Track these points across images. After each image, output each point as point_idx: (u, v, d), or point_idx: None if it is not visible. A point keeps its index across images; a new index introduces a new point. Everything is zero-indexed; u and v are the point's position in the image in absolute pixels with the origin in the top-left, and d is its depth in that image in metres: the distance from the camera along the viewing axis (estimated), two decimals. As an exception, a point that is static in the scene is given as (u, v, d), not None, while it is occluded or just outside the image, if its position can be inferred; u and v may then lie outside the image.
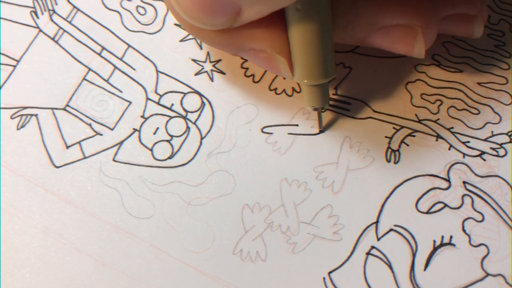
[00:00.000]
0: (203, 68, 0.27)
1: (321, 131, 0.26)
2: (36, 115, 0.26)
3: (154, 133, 0.26)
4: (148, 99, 0.26)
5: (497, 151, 0.26)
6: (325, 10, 0.21)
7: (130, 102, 0.26)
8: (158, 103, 0.26)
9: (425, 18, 0.22)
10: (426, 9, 0.22)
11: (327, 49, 0.22)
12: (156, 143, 0.26)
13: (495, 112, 0.26)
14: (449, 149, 0.26)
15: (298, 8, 0.20)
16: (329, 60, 0.22)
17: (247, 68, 0.27)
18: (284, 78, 0.26)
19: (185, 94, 0.26)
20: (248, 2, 0.19)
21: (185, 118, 0.26)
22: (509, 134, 0.26)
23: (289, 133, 0.26)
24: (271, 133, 0.26)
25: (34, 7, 0.27)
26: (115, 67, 0.26)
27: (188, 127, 0.26)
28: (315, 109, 0.24)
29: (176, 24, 0.27)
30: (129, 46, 0.27)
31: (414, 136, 0.26)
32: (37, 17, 0.27)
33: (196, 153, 0.25)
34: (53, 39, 0.27)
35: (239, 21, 0.20)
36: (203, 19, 0.20)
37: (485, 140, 0.26)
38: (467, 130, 0.26)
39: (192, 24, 0.21)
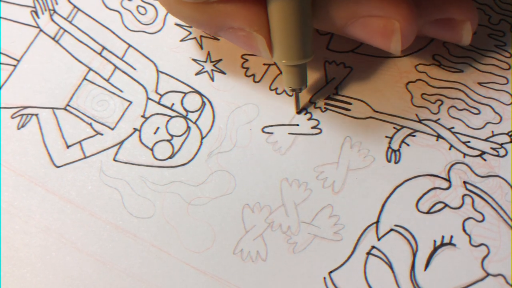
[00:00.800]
0: (203, 68, 0.27)
1: (297, 113, 0.26)
2: (36, 114, 0.26)
3: (155, 133, 0.26)
4: (148, 98, 0.26)
5: (497, 151, 0.26)
6: None
7: (131, 102, 0.26)
8: (158, 103, 0.26)
9: (406, 14, 0.22)
10: (408, 6, 0.22)
11: (306, 30, 0.22)
12: (156, 142, 0.26)
13: (496, 112, 0.26)
14: (450, 149, 0.26)
15: None
16: (308, 41, 0.22)
17: (247, 68, 0.27)
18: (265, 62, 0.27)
19: (185, 93, 0.26)
20: None
21: (185, 118, 0.26)
22: (510, 134, 0.26)
23: (289, 133, 0.26)
24: (271, 133, 0.26)
25: (34, 7, 0.27)
26: (116, 67, 0.26)
27: (188, 127, 0.26)
28: (292, 90, 0.24)
29: (176, 24, 0.27)
30: (130, 45, 0.27)
31: (414, 136, 0.26)
32: (38, 16, 0.27)
33: (196, 153, 0.25)
34: (53, 38, 0.27)
35: None
36: None
37: (486, 140, 0.26)
38: (467, 130, 0.26)
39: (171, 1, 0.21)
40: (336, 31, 0.24)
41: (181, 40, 0.27)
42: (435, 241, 0.25)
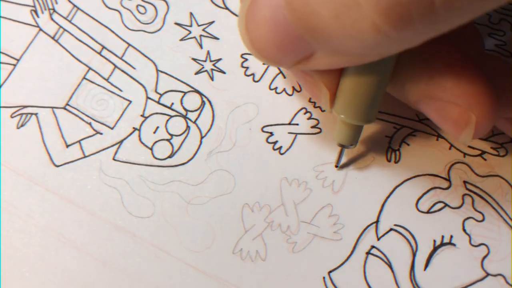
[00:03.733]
0: (203, 67, 0.27)
1: (337, 167, 0.25)
2: (36, 114, 0.26)
3: (154, 132, 0.26)
4: (148, 98, 0.26)
5: (497, 151, 0.26)
6: (388, 65, 0.20)
7: (130, 101, 0.26)
8: (158, 102, 0.26)
9: (485, 109, 0.20)
10: (490, 100, 0.20)
11: (377, 97, 0.21)
12: (156, 142, 0.26)
13: (496, 112, 0.26)
14: (450, 148, 0.26)
15: None
16: (376, 106, 0.21)
17: (247, 67, 0.27)
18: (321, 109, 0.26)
19: (185, 93, 0.26)
20: (327, 49, 0.18)
21: (185, 117, 0.26)
22: (510, 133, 0.26)
23: (289, 133, 0.26)
24: (271, 133, 0.26)
25: (34, 6, 0.27)
26: (115, 66, 0.26)
27: (188, 126, 0.26)
28: (340, 145, 0.24)
29: (176, 23, 0.27)
30: (129, 45, 0.27)
31: (414, 135, 0.26)
32: (37, 16, 0.27)
33: (196, 152, 0.25)
34: (53, 38, 0.27)
35: (306, 66, 0.19)
36: (273, 57, 0.19)
37: (486, 139, 0.26)
38: (467, 130, 0.26)
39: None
40: (407, 103, 0.22)
41: (181, 40, 0.27)
42: (435, 241, 0.25)
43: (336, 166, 0.25)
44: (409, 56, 0.20)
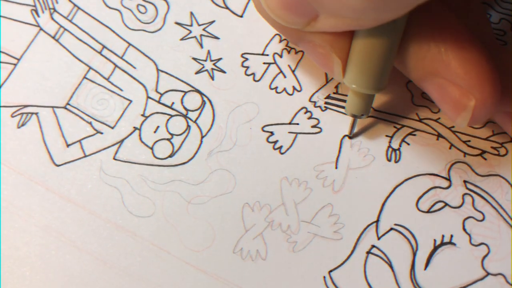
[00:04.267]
0: (203, 67, 0.27)
1: (350, 137, 0.26)
2: (36, 113, 0.26)
3: (155, 132, 0.26)
4: (148, 97, 0.26)
5: (498, 150, 0.26)
6: (396, 34, 0.21)
7: (131, 101, 0.26)
8: (158, 102, 0.26)
9: (485, 95, 0.20)
10: (493, 87, 0.20)
11: (386, 65, 0.21)
12: (156, 141, 0.26)
13: (496, 111, 0.26)
14: (450, 148, 0.26)
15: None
16: (386, 74, 0.22)
17: (247, 67, 0.27)
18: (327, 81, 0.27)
19: (185, 92, 0.26)
20: (326, 12, 0.20)
21: (185, 116, 0.26)
22: (510, 133, 0.26)
23: (289, 132, 0.26)
24: (271, 132, 0.26)
25: (34, 6, 0.27)
26: (116, 66, 0.26)
27: (188, 126, 0.26)
28: (352, 115, 0.24)
29: (176, 23, 0.27)
30: (130, 44, 0.27)
31: (415, 135, 0.26)
32: (38, 15, 0.27)
33: (196, 152, 0.25)
34: (53, 37, 0.27)
35: (312, 27, 0.21)
36: (283, 15, 0.21)
37: (486, 139, 0.26)
38: (468, 129, 0.26)
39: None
40: (410, 78, 0.23)
41: (181, 39, 0.27)
42: (435, 240, 0.25)
43: (349, 137, 0.25)
44: (418, 31, 0.21)
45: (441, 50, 0.21)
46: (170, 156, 0.25)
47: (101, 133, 0.26)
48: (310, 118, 0.26)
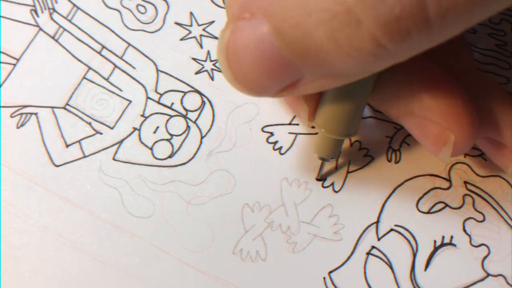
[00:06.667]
0: (203, 67, 0.27)
1: (317, 179, 0.25)
2: (36, 113, 0.26)
3: (154, 132, 0.26)
4: (148, 98, 0.26)
5: (498, 151, 0.26)
6: (369, 80, 0.20)
7: (130, 101, 0.26)
8: (158, 102, 0.26)
9: (465, 130, 0.20)
10: (470, 121, 0.20)
11: (358, 111, 0.21)
12: (156, 142, 0.26)
13: (496, 112, 0.26)
14: (450, 148, 0.26)
15: None
16: (357, 119, 0.21)
17: (247, 67, 0.27)
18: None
19: (185, 93, 0.26)
20: (315, 73, 0.17)
21: (185, 117, 0.26)
22: (510, 134, 0.26)
23: (289, 133, 0.26)
24: (271, 133, 0.26)
25: (34, 6, 0.27)
26: (115, 66, 0.26)
27: (188, 126, 0.26)
28: (321, 158, 0.24)
29: (176, 23, 0.27)
30: (129, 44, 0.27)
31: (415, 135, 0.26)
32: (37, 15, 0.27)
33: (196, 152, 0.25)
34: (53, 37, 0.26)
35: (291, 92, 0.18)
36: (258, 86, 0.18)
37: (486, 140, 0.26)
38: (468, 130, 0.26)
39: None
40: (390, 117, 0.22)
41: (181, 39, 0.27)
42: (435, 241, 0.25)
43: (317, 179, 0.25)
44: (391, 71, 0.19)
45: (415, 89, 0.20)
46: (170, 156, 0.25)
47: (101, 133, 0.26)
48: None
